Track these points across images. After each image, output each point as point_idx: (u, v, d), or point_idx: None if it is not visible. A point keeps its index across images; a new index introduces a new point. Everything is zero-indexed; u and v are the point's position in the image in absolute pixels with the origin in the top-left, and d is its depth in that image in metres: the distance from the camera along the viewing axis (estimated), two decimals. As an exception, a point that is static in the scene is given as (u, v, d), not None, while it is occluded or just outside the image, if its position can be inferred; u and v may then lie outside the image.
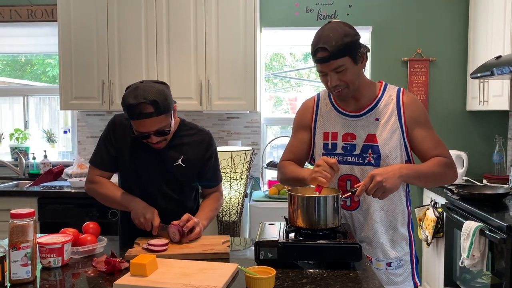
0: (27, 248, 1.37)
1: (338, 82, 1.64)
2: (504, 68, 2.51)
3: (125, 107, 1.71)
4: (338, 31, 1.59)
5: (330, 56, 1.59)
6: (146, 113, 1.67)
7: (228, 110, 3.55)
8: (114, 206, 1.92)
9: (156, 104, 1.67)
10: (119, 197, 1.87)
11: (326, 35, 1.59)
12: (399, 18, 3.71)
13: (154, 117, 1.69)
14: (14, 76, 4.25)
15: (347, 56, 1.60)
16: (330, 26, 1.62)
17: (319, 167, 1.59)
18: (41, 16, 3.84)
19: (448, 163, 1.69)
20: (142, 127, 1.71)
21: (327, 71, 1.63)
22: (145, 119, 1.68)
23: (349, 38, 1.59)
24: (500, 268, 2.27)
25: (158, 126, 1.73)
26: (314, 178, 1.59)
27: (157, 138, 1.77)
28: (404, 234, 1.77)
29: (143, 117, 1.68)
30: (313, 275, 1.42)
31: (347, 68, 1.62)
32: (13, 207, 1.49)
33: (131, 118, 1.71)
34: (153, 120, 1.69)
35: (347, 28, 1.62)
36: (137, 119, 1.69)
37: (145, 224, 1.77)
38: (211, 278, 1.35)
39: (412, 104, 1.72)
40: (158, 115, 1.69)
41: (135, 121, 1.71)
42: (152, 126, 1.71)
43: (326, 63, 1.61)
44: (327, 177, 1.58)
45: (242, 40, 3.37)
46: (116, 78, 3.45)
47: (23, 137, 3.99)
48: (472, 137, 3.72)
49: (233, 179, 3.12)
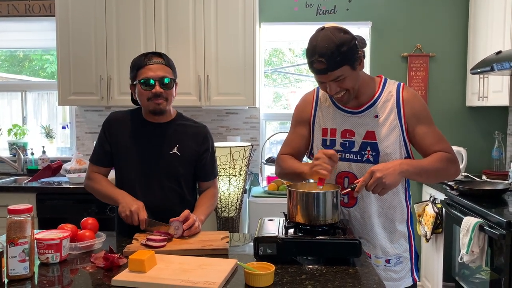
0: (25, 244, 1.37)
1: (338, 89, 1.61)
2: (504, 64, 2.50)
3: (135, 60, 1.88)
4: (334, 41, 1.53)
5: (327, 68, 1.55)
6: (156, 59, 1.87)
7: (227, 106, 3.54)
8: (107, 201, 1.93)
9: (165, 56, 1.90)
10: (110, 191, 1.89)
11: (322, 47, 1.53)
12: (398, 13, 3.69)
13: (162, 64, 1.86)
14: (12, 71, 4.23)
15: (345, 66, 1.56)
16: (324, 35, 1.55)
17: (319, 160, 1.58)
18: (39, 11, 3.82)
19: (451, 158, 1.67)
20: (149, 70, 1.84)
21: (326, 81, 1.61)
22: (154, 64, 1.85)
23: (346, 47, 1.54)
24: (499, 264, 2.27)
25: (165, 73, 1.85)
26: (315, 172, 1.58)
27: (160, 89, 1.84)
28: (402, 231, 1.76)
29: (153, 63, 1.85)
30: (313, 271, 1.41)
31: (346, 77, 1.58)
32: (11, 203, 1.48)
33: (142, 64, 1.85)
34: (161, 66, 1.86)
35: (342, 35, 1.55)
36: (148, 64, 1.84)
37: (132, 218, 1.75)
38: (210, 274, 1.34)
39: (412, 100, 1.69)
40: (166, 65, 1.88)
41: (143, 68, 1.84)
42: (159, 71, 1.84)
43: (323, 74, 1.58)
44: (327, 169, 1.56)
45: (241, 35, 3.35)
46: (115, 74, 3.44)
47: (21, 132, 3.98)
48: (472, 133, 3.71)
49: (232, 175, 3.12)
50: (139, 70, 1.86)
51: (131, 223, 1.77)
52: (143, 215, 1.76)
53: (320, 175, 1.57)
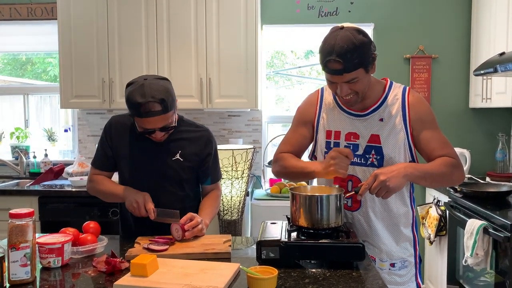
0: (27, 248, 1.36)
1: (349, 91, 1.60)
2: (508, 65, 2.49)
3: (131, 105, 1.72)
4: (354, 43, 1.50)
5: (344, 69, 1.52)
6: (155, 111, 1.70)
7: (229, 108, 3.54)
8: (112, 200, 1.92)
9: (164, 102, 1.71)
10: (113, 189, 1.89)
11: (340, 46, 1.50)
12: (401, 15, 3.68)
13: (162, 115, 1.72)
14: (15, 74, 4.23)
15: (360, 68, 1.55)
16: (344, 35, 1.51)
17: (336, 159, 1.57)
18: (41, 14, 3.82)
19: (455, 163, 1.65)
20: (148, 124, 1.74)
21: (339, 82, 1.58)
22: (153, 117, 1.71)
23: (364, 49, 1.52)
24: (504, 267, 2.25)
25: (165, 122, 1.76)
26: (333, 171, 1.57)
27: (161, 134, 1.79)
28: (408, 235, 1.75)
29: (151, 115, 1.71)
30: (316, 275, 1.40)
31: (359, 79, 1.57)
32: (14, 206, 1.47)
33: (138, 116, 1.72)
34: (160, 118, 1.73)
35: (361, 37, 1.53)
36: (145, 117, 1.71)
37: (139, 210, 1.76)
38: (212, 278, 1.33)
39: (417, 104, 1.68)
40: (166, 113, 1.73)
41: (141, 119, 1.73)
42: (158, 123, 1.74)
43: (338, 75, 1.55)
44: (345, 168, 1.57)
45: (243, 37, 3.35)
46: (117, 76, 3.43)
47: (23, 135, 3.98)
48: (475, 135, 3.70)
49: (234, 178, 3.11)
50: (135, 116, 1.75)
51: (139, 214, 1.77)
52: (150, 205, 1.77)
53: (339, 174, 1.57)
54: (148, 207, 1.76)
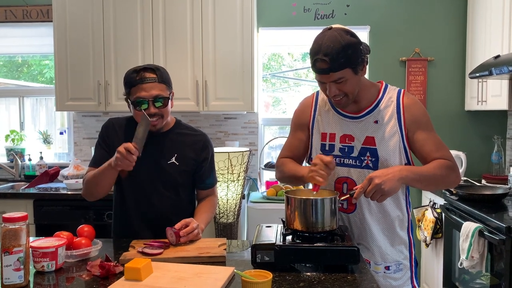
0: (20, 252, 1.35)
1: (337, 92, 1.60)
2: (503, 68, 2.50)
3: (127, 77, 1.79)
4: (340, 42, 1.52)
5: (330, 68, 1.54)
6: (149, 77, 1.76)
7: (225, 111, 3.54)
8: (105, 177, 1.81)
9: (159, 70, 1.79)
10: (100, 169, 1.79)
11: (327, 46, 1.52)
12: (397, 18, 3.69)
13: (155, 82, 1.76)
14: (10, 77, 4.22)
15: (347, 68, 1.55)
16: (331, 35, 1.54)
17: (316, 166, 1.57)
18: (37, 16, 3.81)
19: (450, 166, 1.65)
20: (143, 91, 1.76)
21: (326, 81, 1.59)
22: (147, 83, 1.75)
23: (351, 50, 1.53)
24: (499, 269, 2.25)
25: (158, 92, 1.77)
26: (311, 177, 1.58)
27: (155, 109, 1.78)
28: (403, 238, 1.75)
29: (146, 81, 1.75)
30: (311, 279, 1.40)
31: (347, 79, 1.57)
32: (8, 210, 1.47)
33: (134, 83, 1.76)
34: (154, 84, 1.76)
35: (349, 37, 1.54)
36: (140, 83, 1.75)
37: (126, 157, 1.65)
38: (207, 282, 1.33)
39: (412, 107, 1.68)
40: (160, 82, 1.78)
41: (136, 87, 1.76)
42: (152, 90, 1.76)
43: (325, 74, 1.57)
44: (323, 176, 1.56)
45: (239, 40, 3.35)
46: (112, 79, 3.43)
47: (19, 138, 3.97)
48: (471, 137, 3.71)
49: (230, 180, 3.10)
50: (131, 88, 1.78)
51: (129, 163, 1.67)
52: (129, 144, 1.67)
53: (316, 181, 1.56)
54: (128, 147, 1.66)
